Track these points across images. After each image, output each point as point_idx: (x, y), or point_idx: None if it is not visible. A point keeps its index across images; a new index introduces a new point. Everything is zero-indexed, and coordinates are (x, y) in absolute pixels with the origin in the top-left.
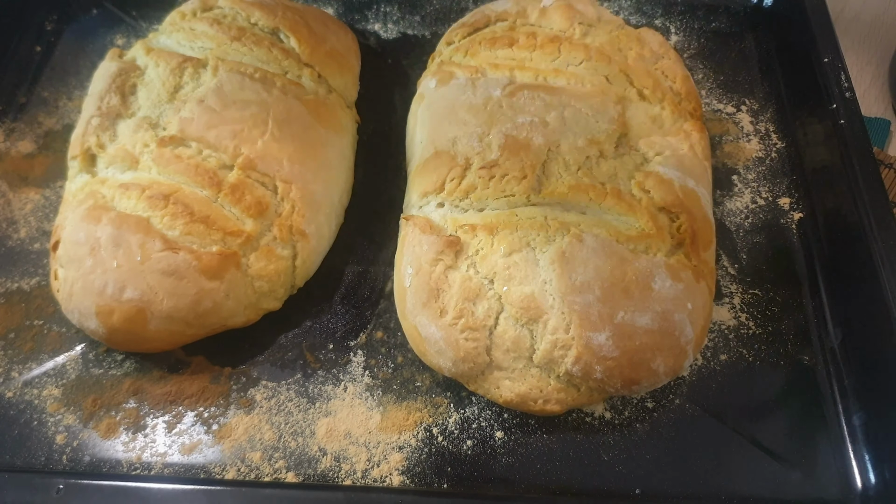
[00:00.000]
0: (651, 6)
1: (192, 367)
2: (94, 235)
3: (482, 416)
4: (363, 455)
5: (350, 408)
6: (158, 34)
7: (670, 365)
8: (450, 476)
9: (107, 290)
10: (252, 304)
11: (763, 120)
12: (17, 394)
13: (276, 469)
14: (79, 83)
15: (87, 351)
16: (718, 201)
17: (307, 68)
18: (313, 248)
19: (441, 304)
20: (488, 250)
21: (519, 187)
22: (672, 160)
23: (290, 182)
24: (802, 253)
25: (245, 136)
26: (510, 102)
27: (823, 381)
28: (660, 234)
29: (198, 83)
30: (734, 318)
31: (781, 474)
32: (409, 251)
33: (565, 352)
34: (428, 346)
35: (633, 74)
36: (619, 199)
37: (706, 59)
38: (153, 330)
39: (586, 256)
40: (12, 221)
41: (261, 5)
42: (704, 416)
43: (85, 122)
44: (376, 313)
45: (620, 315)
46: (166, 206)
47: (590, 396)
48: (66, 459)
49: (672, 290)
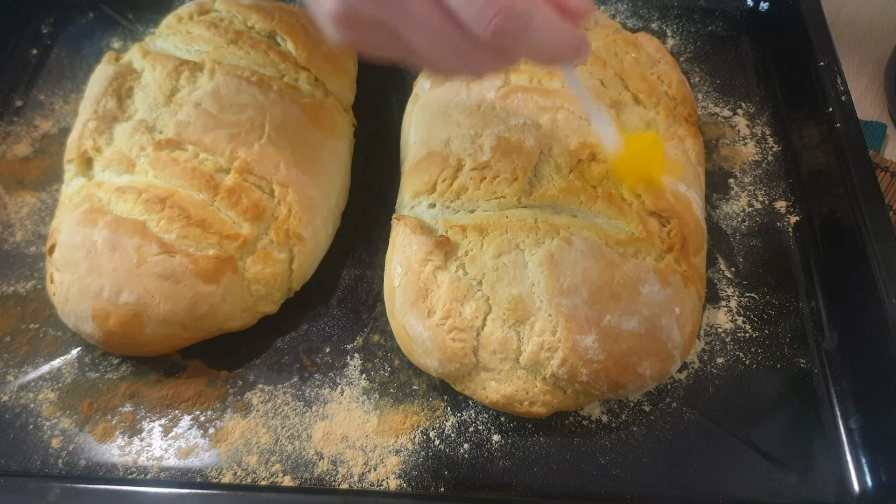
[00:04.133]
0: (647, 10)
1: (189, 370)
2: (90, 239)
3: (479, 420)
4: (360, 459)
5: (347, 411)
6: (155, 37)
7: (657, 369)
8: (447, 479)
9: (103, 293)
10: (249, 308)
11: (759, 123)
12: (12, 397)
13: (273, 473)
14: (75, 86)
15: (83, 354)
16: (714, 205)
17: (304, 71)
18: (310, 252)
19: (429, 304)
20: (477, 251)
21: (510, 189)
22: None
23: (287, 185)
24: (799, 256)
25: (242, 140)
26: (503, 104)
27: (820, 385)
28: (650, 239)
29: (194, 86)
30: (731, 322)
31: (778, 478)
32: (399, 251)
33: (552, 354)
34: (416, 346)
35: (628, 79)
36: (610, 202)
37: (702, 63)
38: (149, 333)
39: (575, 259)
40: (8, 225)
41: (258, 8)
42: (701, 419)
43: (81, 125)
44: (373, 317)
45: (608, 318)
46: (163, 210)
47: (576, 399)
48: (61, 464)
49: (660, 294)
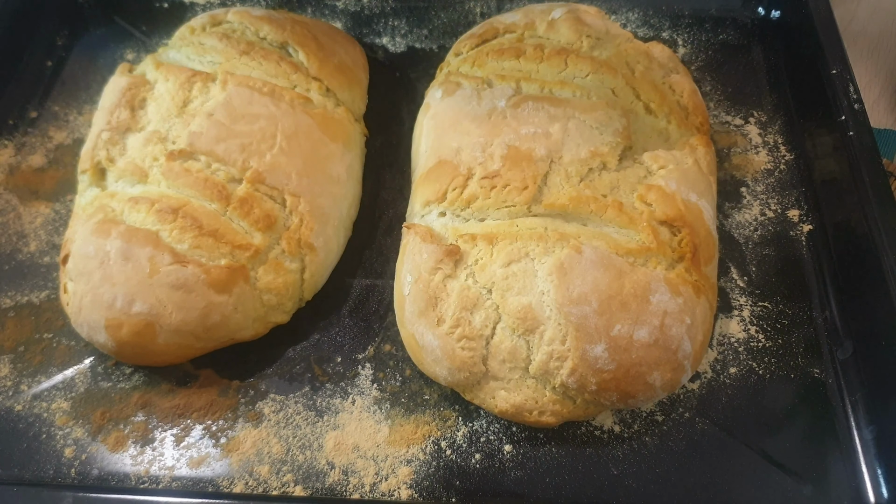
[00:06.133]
0: (658, 19)
1: (201, 380)
2: (103, 249)
3: (490, 430)
4: (371, 469)
5: (358, 421)
6: (168, 49)
7: (667, 379)
8: (458, 490)
9: (116, 303)
10: (260, 318)
11: (771, 132)
12: (25, 407)
13: (284, 483)
14: (89, 97)
15: (95, 364)
16: (727, 213)
17: (315, 82)
18: (321, 262)
19: (439, 312)
20: (487, 260)
21: (520, 198)
22: (676, 174)
23: (299, 195)
24: (812, 265)
25: (254, 150)
26: (514, 113)
27: (834, 395)
28: (660, 248)
29: (207, 97)
30: (744, 331)
31: (792, 488)
32: (410, 259)
33: (561, 363)
34: (425, 355)
35: (639, 88)
36: (621, 211)
37: (714, 72)
38: (162, 343)
39: (585, 268)
40: (22, 235)
41: (269, 20)
42: (714, 429)
43: (95, 136)
44: (384, 326)
45: (617, 328)
46: (175, 220)
47: (586, 409)
48: (74, 473)
49: (671, 304)
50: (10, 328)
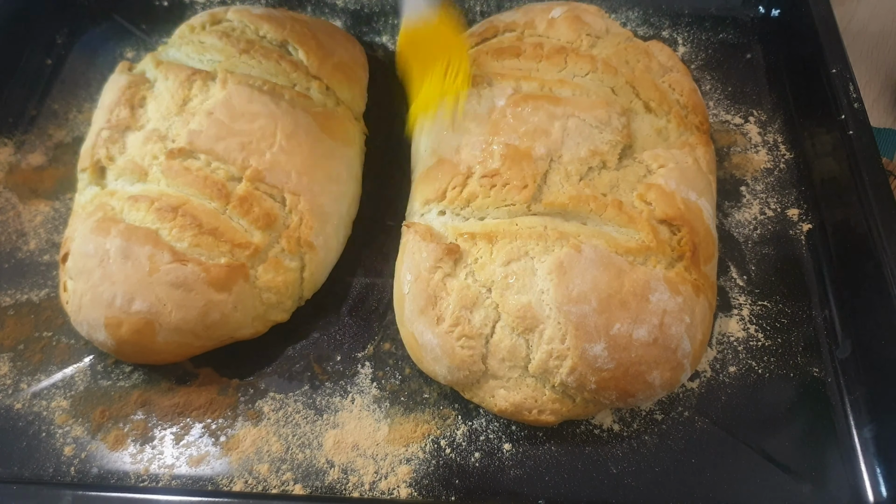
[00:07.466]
0: (658, 18)
1: (200, 378)
2: (103, 247)
3: (490, 428)
4: (371, 467)
5: (358, 420)
6: (168, 47)
7: (667, 378)
8: (458, 488)
9: (115, 301)
10: (260, 316)
11: (771, 131)
12: (25, 405)
13: (284, 481)
14: (89, 96)
15: (95, 363)
16: (727, 212)
17: (315, 80)
18: (321, 260)
19: (438, 311)
20: (487, 259)
21: (519, 196)
22: (675, 172)
23: (299, 194)
24: (812, 264)
25: (253, 149)
26: (514, 112)
27: (833, 393)
28: (660, 247)
29: (206, 96)
30: (743, 330)
31: (791, 487)
32: (409, 258)
33: (561, 362)
34: (424, 353)
35: (639, 87)
36: (620, 210)
37: (714, 70)
38: (161, 342)
39: (584, 267)
40: (22, 233)
41: (269, 18)
42: (713, 428)
43: (94, 134)
44: (384, 325)
45: (617, 327)
46: (175, 219)
47: (585, 408)
48: (74, 471)
49: (670, 303)
50: (9, 326)
